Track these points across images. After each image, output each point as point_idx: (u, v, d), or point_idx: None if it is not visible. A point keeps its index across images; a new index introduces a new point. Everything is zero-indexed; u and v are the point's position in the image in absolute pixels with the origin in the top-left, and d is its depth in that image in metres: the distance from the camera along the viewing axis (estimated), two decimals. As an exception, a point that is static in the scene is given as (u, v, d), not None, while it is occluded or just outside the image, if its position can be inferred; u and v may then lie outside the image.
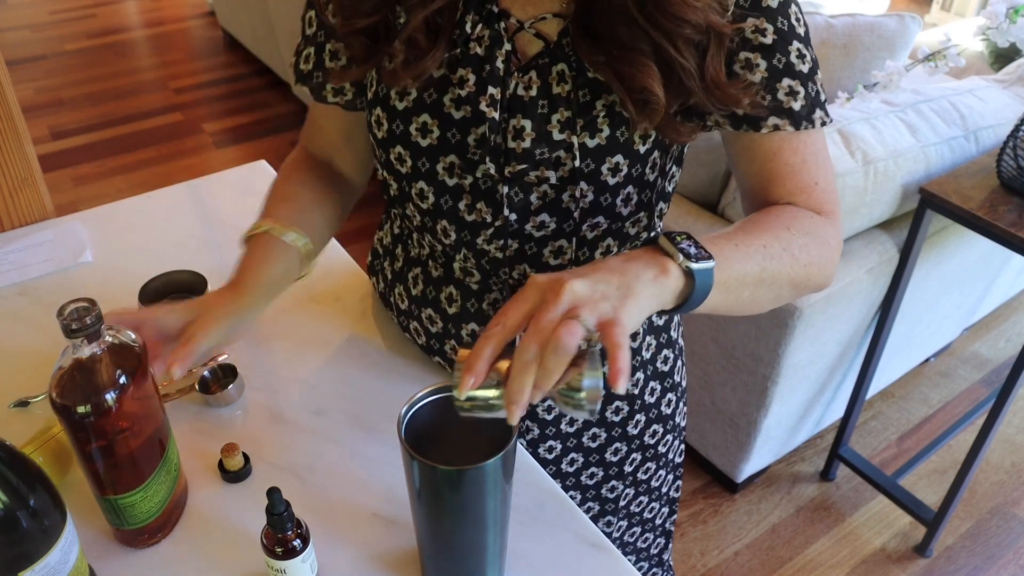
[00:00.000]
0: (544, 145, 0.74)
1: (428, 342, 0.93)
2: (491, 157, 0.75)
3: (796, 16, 0.73)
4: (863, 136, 1.61)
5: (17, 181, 1.19)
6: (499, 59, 0.74)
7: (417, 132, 0.77)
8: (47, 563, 0.61)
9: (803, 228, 0.73)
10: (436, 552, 0.70)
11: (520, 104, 0.74)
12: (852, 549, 1.91)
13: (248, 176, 1.32)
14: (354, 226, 3.00)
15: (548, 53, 0.73)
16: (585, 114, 0.73)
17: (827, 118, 0.76)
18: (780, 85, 0.72)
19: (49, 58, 4.12)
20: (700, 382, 1.88)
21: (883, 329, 1.78)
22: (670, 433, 1.00)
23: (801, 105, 0.73)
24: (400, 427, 0.64)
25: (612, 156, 0.74)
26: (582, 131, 0.73)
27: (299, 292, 1.08)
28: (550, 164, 0.75)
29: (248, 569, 0.75)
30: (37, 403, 0.90)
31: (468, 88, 0.74)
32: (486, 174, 0.76)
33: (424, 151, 0.78)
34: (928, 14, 4.48)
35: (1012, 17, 1.64)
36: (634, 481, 0.99)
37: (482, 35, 0.74)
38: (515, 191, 0.77)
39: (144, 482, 0.72)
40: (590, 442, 0.94)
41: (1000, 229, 1.48)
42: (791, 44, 0.72)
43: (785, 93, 0.73)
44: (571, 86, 0.73)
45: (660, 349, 0.93)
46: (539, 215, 0.78)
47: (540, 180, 0.76)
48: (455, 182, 0.78)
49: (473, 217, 0.79)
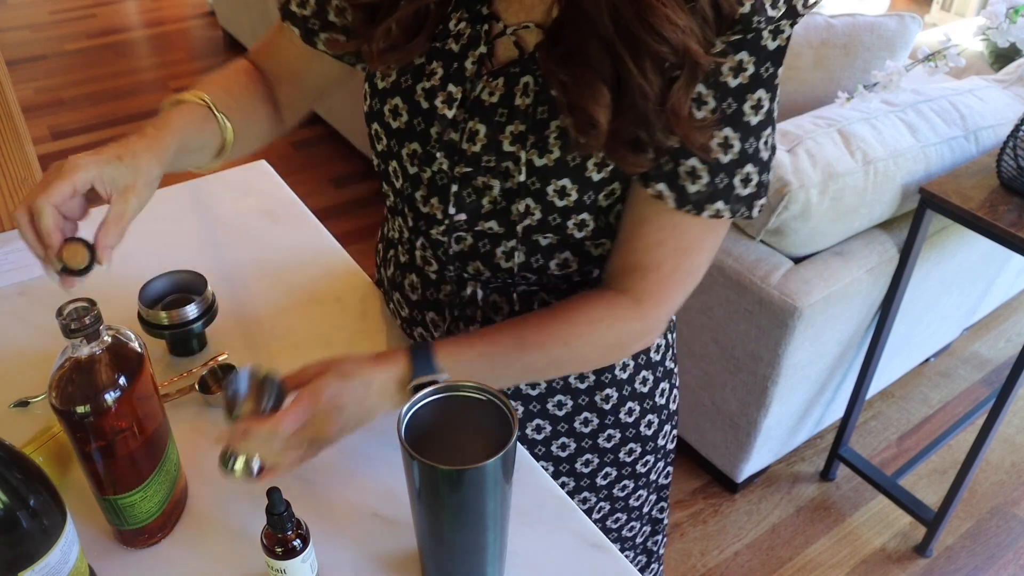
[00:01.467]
0: (493, 153, 0.74)
1: (403, 325, 0.96)
2: (445, 153, 0.77)
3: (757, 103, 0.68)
4: (863, 136, 1.61)
5: (17, 181, 1.19)
6: (470, 59, 0.75)
7: (390, 113, 0.80)
8: (47, 563, 0.61)
9: (587, 341, 0.76)
10: (436, 552, 0.70)
11: (480, 108, 0.74)
12: (852, 549, 1.91)
13: (248, 176, 1.32)
14: (354, 226, 3.00)
15: (520, 63, 0.73)
16: (538, 131, 0.73)
17: (726, 212, 0.71)
18: (685, 162, 0.69)
19: (49, 58, 4.12)
20: (700, 382, 1.88)
21: (883, 329, 1.78)
22: (652, 413, 0.98)
23: (697, 190, 0.70)
24: (400, 427, 0.64)
25: (559, 179, 0.73)
26: (532, 148, 0.73)
27: (299, 292, 1.08)
28: (496, 173, 0.75)
29: (248, 569, 0.75)
30: (37, 403, 0.90)
31: (433, 82, 0.76)
32: (440, 169, 0.78)
33: (394, 133, 0.80)
34: (928, 14, 4.48)
35: (1012, 17, 1.63)
36: (615, 462, 0.98)
37: (462, 33, 0.75)
38: (467, 192, 0.77)
39: (144, 482, 0.72)
40: (560, 451, 0.95)
41: (1000, 229, 1.48)
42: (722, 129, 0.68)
43: (686, 171, 0.70)
44: (532, 100, 0.72)
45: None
46: (488, 220, 0.78)
47: (485, 187, 0.76)
48: (415, 171, 0.80)
49: (427, 210, 0.81)
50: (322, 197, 3.07)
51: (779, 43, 0.66)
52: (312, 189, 3.10)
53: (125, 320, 0.95)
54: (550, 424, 0.93)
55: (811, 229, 1.59)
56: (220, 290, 1.06)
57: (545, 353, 0.76)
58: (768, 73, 0.67)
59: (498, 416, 0.66)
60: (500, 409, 0.66)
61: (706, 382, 1.87)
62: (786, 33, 0.66)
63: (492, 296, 0.85)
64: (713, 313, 1.75)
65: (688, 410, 1.96)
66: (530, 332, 0.76)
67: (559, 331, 0.76)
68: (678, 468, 2.06)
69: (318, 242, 1.18)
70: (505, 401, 0.65)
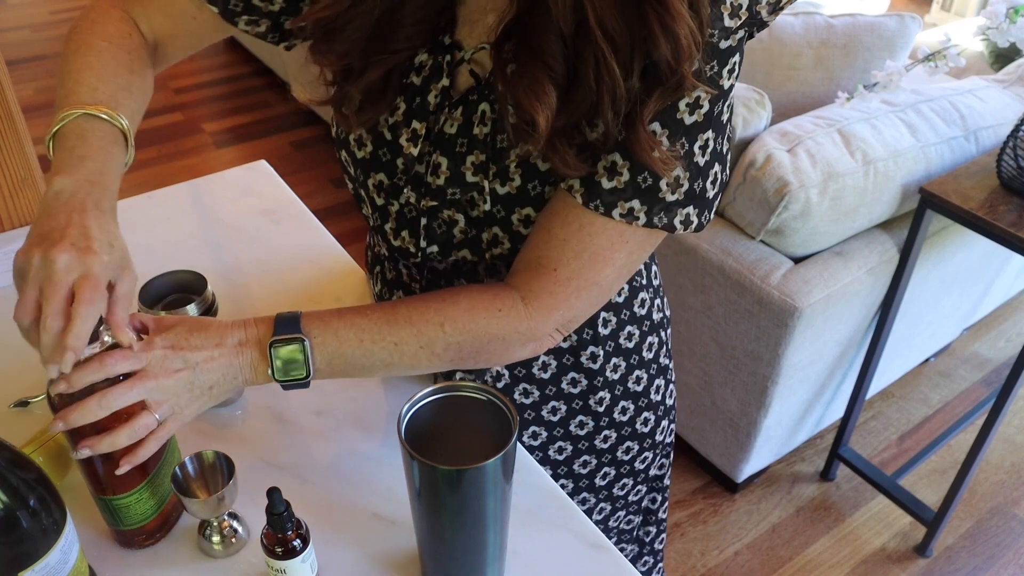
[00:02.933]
0: (457, 186, 0.74)
1: None
2: (412, 187, 0.76)
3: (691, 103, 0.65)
4: (863, 136, 1.61)
5: (17, 181, 1.19)
6: (433, 93, 0.73)
7: (355, 142, 0.79)
8: (47, 563, 0.61)
9: (463, 328, 0.71)
10: (436, 552, 0.70)
11: (442, 140, 0.74)
12: (852, 549, 1.91)
13: (248, 176, 1.32)
14: (354, 226, 3.00)
15: (477, 89, 0.72)
16: (498, 160, 0.72)
17: (641, 215, 0.67)
18: (606, 157, 0.66)
19: (49, 58, 4.11)
20: (700, 382, 1.88)
21: (883, 329, 1.78)
22: (648, 411, 0.97)
23: (612, 187, 0.66)
24: (400, 427, 0.64)
25: (522, 207, 0.73)
26: (494, 177, 0.72)
27: (299, 292, 1.08)
28: (460, 206, 0.74)
29: (248, 569, 0.75)
30: (37, 403, 0.90)
31: (397, 117, 0.75)
32: (408, 202, 0.77)
33: (359, 163, 0.79)
34: (928, 14, 4.48)
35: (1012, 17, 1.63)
36: (613, 461, 0.98)
37: (423, 64, 0.74)
38: (437, 224, 0.77)
39: (141, 483, 0.72)
40: (557, 455, 0.95)
41: (1000, 229, 1.48)
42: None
43: (604, 166, 0.66)
44: (490, 129, 0.72)
45: (623, 326, 0.90)
46: (460, 250, 0.78)
47: (451, 220, 0.76)
48: (382, 203, 0.79)
49: (399, 243, 0.80)
50: (322, 197, 3.07)
51: (730, 43, 0.64)
52: (312, 189, 3.10)
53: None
54: (546, 430, 0.93)
55: (811, 229, 1.59)
56: (220, 290, 1.06)
57: (417, 332, 0.71)
58: (712, 72, 0.64)
59: (498, 416, 0.66)
60: (500, 409, 0.66)
61: (706, 382, 1.87)
62: (739, 35, 0.64)
63: None
64: (713, 313, 1.75)
65: (688, 410, 1.96)
66: (404, 309, 0.72)
67: (435, 312, 0.71)
68: (678, 468, 2.06)
69: (318, 242, 1.18)
70: (505, 401, 0.65)
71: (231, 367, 0.68)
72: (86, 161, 0.68)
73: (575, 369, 0.89)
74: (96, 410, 0.63)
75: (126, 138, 0.73)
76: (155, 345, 0.66)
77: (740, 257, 1.65)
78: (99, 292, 0.61)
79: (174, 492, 0.72)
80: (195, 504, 0.71)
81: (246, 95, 3.86)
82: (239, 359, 0.68)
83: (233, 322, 0.70)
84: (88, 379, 0.62)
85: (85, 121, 0.70)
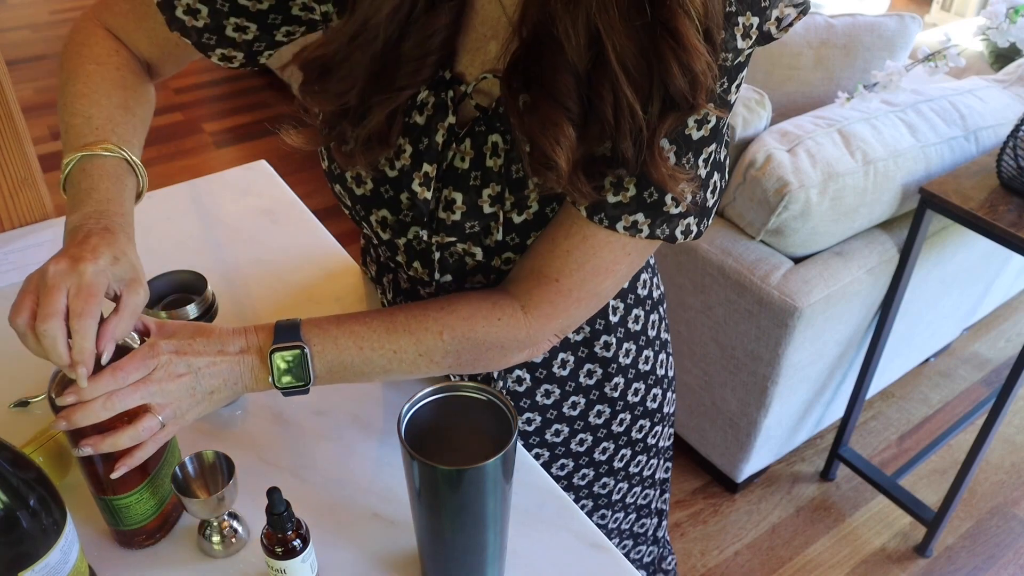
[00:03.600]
0: (474, 219, 0.72)
1: None
2: (422, 225, 0.75)
3: (711, 155, 0.66)
4: (863, 136, 1.61)
5: (17, 181, 1.19)
6: (440, 132, 0.70)
7: (352, 179, 0.76)
8: (47, 563, 0.61)
9: (461, 336, 0.72)
10: (436, 552, 0.70)
11: (454, 176, 0.72)
12: (852, 549, 1.91)
13: (248, 176, 1.32)
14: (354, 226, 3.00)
15: (484, 120, 0.70)
16: (517, 190, 0.70)
17: (645, 227, 0.67)
18: (612, 172, 0.65)
19: (49, 58, 4.11)
20: (700, 382, 1.88)
21: (883, 329, 1.78)
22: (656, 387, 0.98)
23: (617, 201, 0.66)
24: (400, 427, 0.64)
25: (537, 231, 0.72)
26: (512, 207, 0.71)
27: (299, 292, 1.08)
28: (477, 238, 0.73)
29: (248, 569, 0.75)
30: (37, 403, 0.90)
31: (404, 160, 0.72)
32: (417, 236, 0.76)
33: (359, 199, 0.77)
34: (928, 14, 4.48)
35: (1012, 17, 1.63)
36: (629, 441, 0.98)
37: (426, 102, 0.70)
38: (448, 253, 0.76)
39: (141, 483, 0.72)
40: (578, 447, 0.95)
41: (1000, 229, 1.48)
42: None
43: (611, 181, 0.66)
44: (503, 160, 0.70)
45: (629, 310, 0.90)
46: (475, 275, 0.78)
47: (466, 252, 0.75)
48: (388, 237, 0.78)
49: (412, 273, 0.80)
50: (322, 197, 3.07)
51: (739, 60, 0.63)
52: (312, 189, 3.10)
53: (125, 320, 0.95)
54: (567, 425, 0.93)
55: (811, 229, 1.59)
56: (220, 290, 1.06)
57: (416, 340, 0.71)
58: (721, 89, 0.64)
59: (498, 416, 0.66)
60: (500, 409, 0.66)
61: (706, 382, 1.87)
62: (746, 52, 0.63)
63: None
64: (713, 313, 1.75)
65: (688, 410, 1.96)
66: (403, 317, 0.72)
67: (434, 321, 0.71)
68: (678, 468, 2.06)
69: (318, 242, 1.18)
70: (505, 401, 0.65)
71: (232, 373, 0.68)
72: (92, 193, 0.69)
73: (590, 360, 0.89)
74: (100, 412, 0.63)
75: (131, 164, 0.74)
76: (160, 349, 0.66)
77: (740, 257, 1.65)
78: (92, 301, 0.61)
79: (174, 492, 0.72)
80: (195, 504, 0.71)
81: (246, 95, 3.86)
82: (240, 366, 0.69)
83: (234, 329, 0.70)
84: (101, 391, 0.63)
85: (87, 162, 0.72)
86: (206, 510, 0.72)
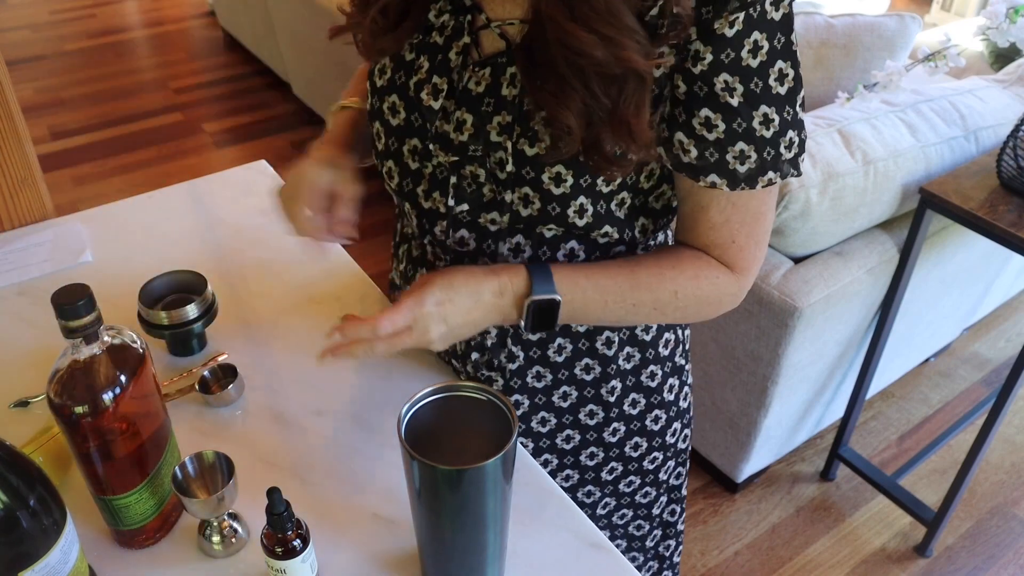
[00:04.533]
0: (479, 143, 0.75)
1: None
2: (439, 146, 0.78)
3: (781, 74, 0.70)
4: (863, 136, 1.61)
5: (17, 181, 1.19)
6: (454, 51, 0.76)
7: (388, 111, 0.81)
8: (47, 563, 0.61)
9: (693, 292, 0.79)
10: (436, 552, 0.70)
11: (468, 97, 0.75)
12: (852, 549, 1.91)
13: (248, 176, 1.32)
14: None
15: (507, 54, 0.74)
16: (524, 122, 0.73)
17: (777, 178, 0.74)
18: (732, 148, 0.71)
19: (49, 58, 4.12)
20: (700, 382, 1.88)
21: (883, 329, 1.78)
22: (659, 408, 0.97)
23: (747, 169, 0.72)
24: (400, 427, 0.64)
25: (552, 166, 0.74)
26: (519, 138, 0.73)
27: (299, 292, 1.08)
28: (483, 163, 0.76)
29: (248, 569, 0.75)
30: (37, 403, 0.90)
31: (420, 75, 0.77)
32: (439, 163, 0.79)
33: (393, 130, 0.81)
34: (928, 14, 4.48)
35: (1012, 17, 1.63)
36: (621, 456, 0.97)
37: (445, 25, 0.77)
38: (466, 183, 0.78)
39: (141, 483, 0.72)
40: (564, 444, 0.95)
41: (1000, 229, 1.48)
42: (758, 108, 0.70)
43: (734, 156, 0.72)
44: (518, 91, 0.73)
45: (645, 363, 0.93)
46: (490, 211, 0.78)
47: (473, 176, 0.77)
48: (416, 166, 0.81)
49: (429, 204, 0.81)
50: (322, 197, 3.07)
51: (783, 11, 0.68)
52: (312, 189, 3.10)
53: (125, 320, 0.95)
54: (555, 416, 0.93)
55: (811, 229, 1.59)
56: (220, 290, 1.06)
57: (654, 298, 0.78)
58: (782, 43, 0.69)
59: (498, 416, 0.66)
60: (500, 409, 0.66)
61: (706, 382, 1.87)
62: (786, 1, 0.68)
63: None
64: (713, 313, 1.75)
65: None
66: (644, 273, 0.78)
67: (670, 280, 0.78)
68: (678, 468, 2.06)
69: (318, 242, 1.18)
70: (505, 401, 0.65)
71: (484, 320, 0.76)
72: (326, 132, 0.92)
73: (590, 355, 0.89)
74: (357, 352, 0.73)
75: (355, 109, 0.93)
76: (425, 300, 0.72)
77: (740, 257, 1.65)
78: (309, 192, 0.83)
79: (174, 492, 0.72)
80: (195, 504, 0.71)
81: (246, 95, 3.86)
82: (493, 312, 0.75)
83: (487, 270, 0.75)
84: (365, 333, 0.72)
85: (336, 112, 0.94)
86: (206, 510, 0.72)
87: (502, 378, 0.90)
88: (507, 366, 0.89)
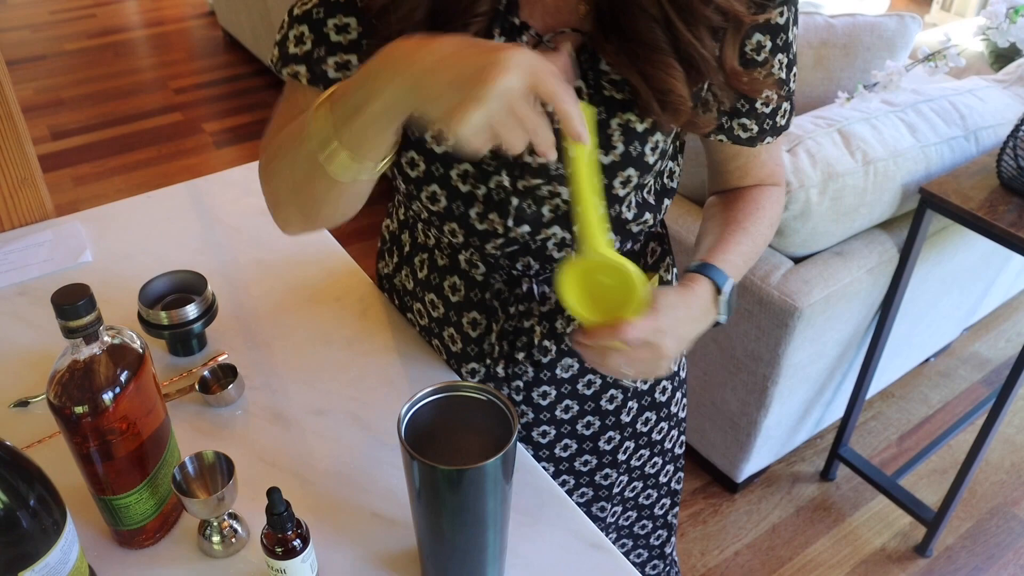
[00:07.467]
0: (560, 160, 0.74)
1: (428, 325, 0.95)
2: (506, 170, 0.76)
3: (792, 38, 0.76)
4: (863, 136, 1.61)
5: (17, 181, 1.19)
6: None
7: (432, 138, 0.77)
8: (47, 563, 0.61)
9: (770, 219, 0.87)
10: (436, 552, 0.70)
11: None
12: (852, 549, 1.91)
13: (248, 176, 1.32)
14: (354, 226, 2.99)
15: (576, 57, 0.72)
16: (600, 132, 0.73)
17: (770, 124, 0.83)
18: (779, 111, 0.80)
19: (49, 58, 4.12)
20: (700, 382, 1.88)
21: (883, 329, 1.78)
22: (665, 421, 0.99)
23: (787, 120, 0.83)
24: (400, 427, 0.64)
25: (624, 171, 0.75)
26: (596, 148, 0.73)
27: (299, 292, 1.08)
28: (563, 179, 0.75)
29: (248, 569, 0.75)
30: (37, 403, 0.90)
31: None
32: (499, 185, 0.77)
33: (438, 157, 0.78)
34: (928, 14, 4.48)
35: (1012, 17, 1.63)
36: (628, 468, 0.99)
37: None
38: (527, 203, 0.77)
39: (141, 483, 0.72)
40: (584, 429, 0.95)
41: (1000, 229, 1.48)
42: (793, 70, 0.79)
43: (781, 115, 0.81)
44: (587, 102, 0.72)
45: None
46: (551, 227, 0.79)
47: (552, 195, 0.77)
48: (468, 189, 0.79)
49: (484, 227, 0.80)
50: (322, 197, 3.07)
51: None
52: (312, 189, 3.10)
53: (125, 320, 0.95)
54: (555, 428, 0.93)
55: (811, 229, 1.59)
56: (220, 290, 1.06)
57: (764, 238, 0.86)
58: (793, 11, 0.75)
59: (498, 416, 0.66)
60: (500, 409, 0.66)
61: (706, 382, 1.87)
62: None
63: (543, 287, 0.85)
64: (713, 313, 1.75)
65: (688, 410, 1.96)
66: (751, 225, 0.85)
67: (763, 239, 0.86)
68: (678, 468, 2.06)
69: (318, 242, 1.18)
70: (505, 401, 0.65)
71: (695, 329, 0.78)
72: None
73: (592, 371, 0.90)
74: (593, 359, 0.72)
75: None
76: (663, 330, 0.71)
77: (740, 257, 1.65)
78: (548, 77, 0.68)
79: (174, 492, 0.72)
80: (195, 504, 0.71)
81: (246, 95, 3.86)
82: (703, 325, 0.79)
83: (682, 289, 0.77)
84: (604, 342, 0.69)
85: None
86: (206, 510, 0.72)
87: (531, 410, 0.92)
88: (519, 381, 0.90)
